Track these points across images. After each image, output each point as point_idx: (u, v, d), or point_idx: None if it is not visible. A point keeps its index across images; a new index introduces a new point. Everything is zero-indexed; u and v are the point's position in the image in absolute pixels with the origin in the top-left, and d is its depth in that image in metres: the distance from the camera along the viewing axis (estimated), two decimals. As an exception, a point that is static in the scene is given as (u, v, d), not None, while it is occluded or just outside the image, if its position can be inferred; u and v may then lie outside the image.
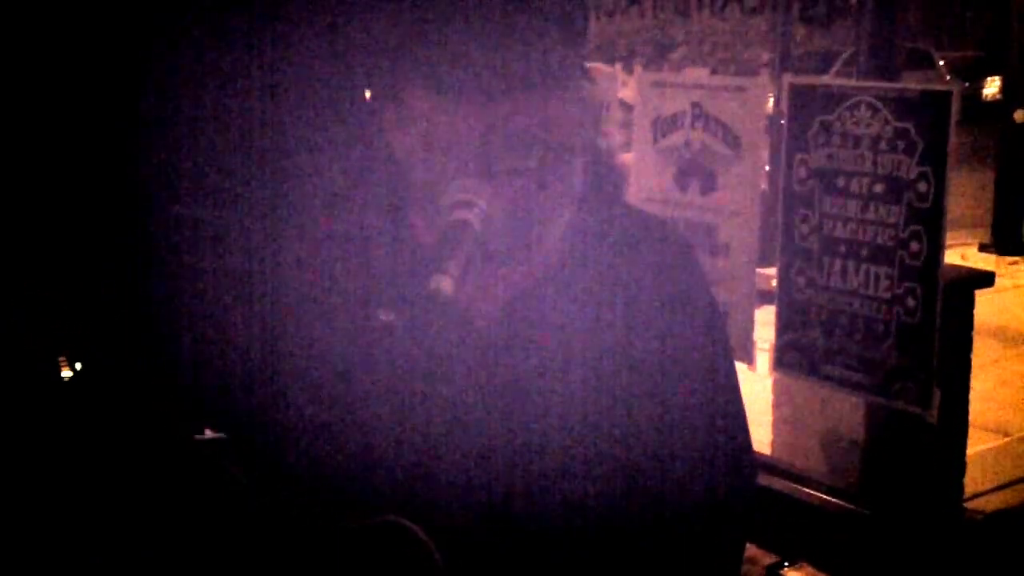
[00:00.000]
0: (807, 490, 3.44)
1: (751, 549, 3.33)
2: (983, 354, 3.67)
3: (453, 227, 1.22)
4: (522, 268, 1.35)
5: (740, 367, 2.80)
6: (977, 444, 4.24)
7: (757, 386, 3.73)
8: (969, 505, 3.66)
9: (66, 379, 2.16)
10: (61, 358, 2.22)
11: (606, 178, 1.44)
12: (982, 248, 8.53)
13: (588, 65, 1.41)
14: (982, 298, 3.46)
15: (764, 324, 3.47)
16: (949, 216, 2.88)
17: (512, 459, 1.32)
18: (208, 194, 2.39)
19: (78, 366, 2.14)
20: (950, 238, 2.90)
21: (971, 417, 3.49)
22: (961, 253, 7.91)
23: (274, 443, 1.38)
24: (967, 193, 9.20)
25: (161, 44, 2.50)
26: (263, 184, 2.28)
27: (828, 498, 3.39)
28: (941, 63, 18.63)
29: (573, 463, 1.32)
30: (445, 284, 1.18)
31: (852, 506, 3.32)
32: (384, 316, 1.15)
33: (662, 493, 1.36)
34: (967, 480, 3.53)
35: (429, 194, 1.29)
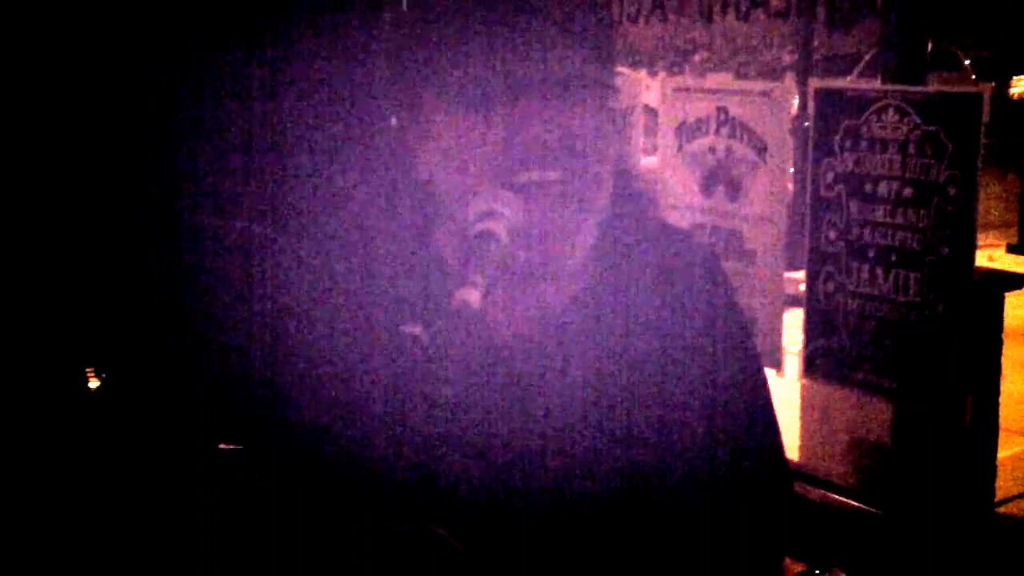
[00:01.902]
0: (837, 496, 3.42)
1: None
2: (1013, 356, 3.64)
3: (479, 238, 1.22)
4: (548, 286, 1.34)
5: (768, 373, 2.77)
6: (1007, 447, 4.21)
7: (785, 391, 3.72)
8: (1001, 510, 3.63)
9: (93, 389, 2.17)
10: (89, 369, 2.23)
11: (634, 192, 1.44)
12: (1010, 249, 8.49)
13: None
14: (1011, 300, 3.43)
15: (791, 328, 3.45)
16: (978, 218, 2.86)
17: (521, 473, 1.32)
18: (228, 204, 2.40)
19: (105, 376, 2.15)
20: (978, 239, 2.88)
21: (1000, 420, 3.46)
22: (989, 255, 7.87)
23: (294, 451, 1.38)
24: (995, 194, 9.14)
25: (168, 55, 2.51)
26: (287, 197, 2.29)
27: (858, 504, 3.37)
28: (966, 63, 18.53)
29: (586, 481, 1.33)
30: (472, 296, 1.17)
31: (882, 512, 3.30)
32: (411, 329, 1.15)
33: (661, 497, 1.36)
34: (997, 484, 3.50)
35: (453, 208, 1.29)
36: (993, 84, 17.94)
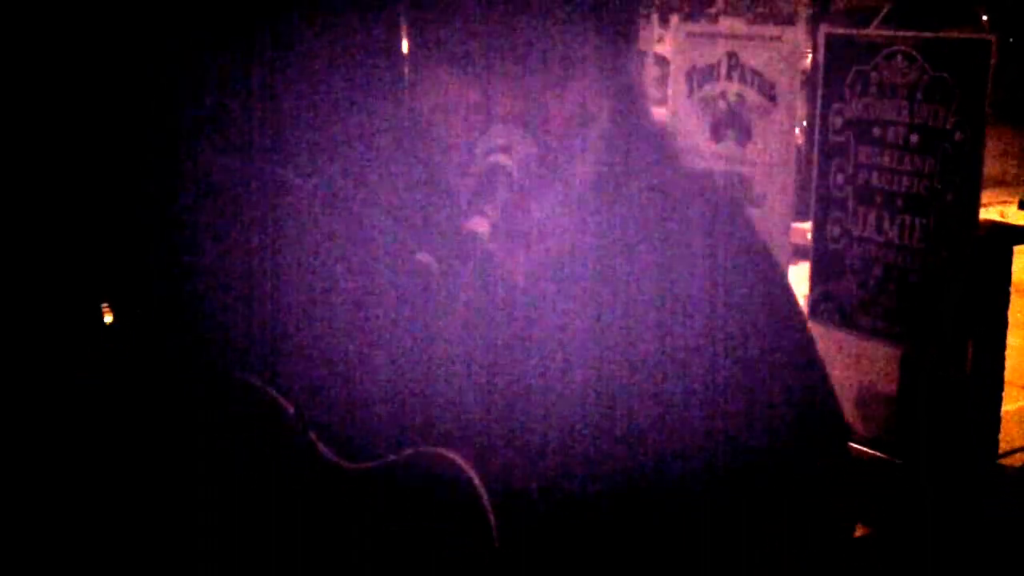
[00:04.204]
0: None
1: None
2: (1020, 312, 3.66)
3: (490, 171, 1.24)
4: (554, 227, 1.36)
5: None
6: (1013, 401, 4.23)
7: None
8: (1004, 462, 3.66)
9: (108, 324, 2.20)
10: (104, 305, 2.26)
11: (643, 139, 1.44)
12: (1022, 206, 8.44)
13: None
14: (1019, 256, 3.44)
15: (799, 280, 3.46)
16: (989, 174, 2.86)
17: (519, 421, 1.34)
18: (238, 143, 2.41)
19: (119, 312, 2.17)
20: (990, 196, 2.89)
21: (1007, 375, 3.48)
22: (1000, 211, 7.83)
23: (306, 386, 1.39)
24: (1008, 151, 9.09)
25: (169, 46, 2.51)
26: (296, 133, 2.31)
27: (863, 449, 3.41)
28: (984, 18, 18.35)
29: (580, 433, 1.33)
30: (482, 226, 1.19)
31: (887, 457, 3.33)
32: (422, 258, 1.17)
33: (665, 484, 1.36)
34: (1003, 436, 3.53)
35: (455, 153, 1.31)
36: (1011, 39, 17.75)
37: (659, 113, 3.76)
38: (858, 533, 3.29)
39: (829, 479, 1.46)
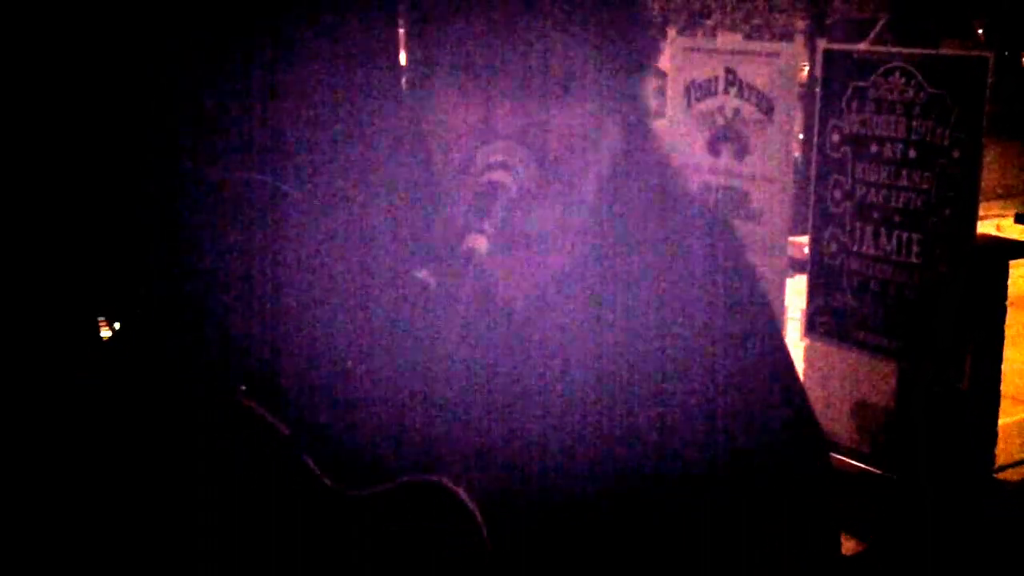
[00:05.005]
0: (838, 456, 3.45)
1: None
2: (1017, 325, 3.66)
3: (488, 188, 1.23)
4: (552, 246, 1.35)
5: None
6: (1009, 415, 4.23)
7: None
8: (1000, 476, 3.66)
9: (105, 338, 2.19)
10: (101, 319, 2.25)
11: (640, 157, 1.44)
12: (1018, 219, 8.46)
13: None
14: (1016, 270, 3.44)
15: (796, 293, 3.46)
16: (986, 187, 2.87)
17: (518, 440, 1.33)
18: (230, 153, 2.41)
19: (117, 325, 2.17)
20: (986, 209, 2.90)
21: (1003, 388, 3.48)
22: (996, 224, 7.85)
23: (301, 403, 1.38)
24: (1004, 165, 9.11)
25: (169, 48, 2.51)
26: (290, 145, 2.30)
27: (859, 464, 3.41)
28: (979, 32, 18.42)
29: (582, 455, 1.33)
30: (480, 243, 1.19)
31: (882, 472, 3.33)
32: (419, 274, 1.16)
33: (663, 485, 1.36)
34: (1000, 450, 3.53)
35: (460, 157, 1.30)
36: (1006, 52, 17.82)
37: (658, 125, 3.76)
38: (856, 548, 3.28)
39: (810, 485, 1.47)
